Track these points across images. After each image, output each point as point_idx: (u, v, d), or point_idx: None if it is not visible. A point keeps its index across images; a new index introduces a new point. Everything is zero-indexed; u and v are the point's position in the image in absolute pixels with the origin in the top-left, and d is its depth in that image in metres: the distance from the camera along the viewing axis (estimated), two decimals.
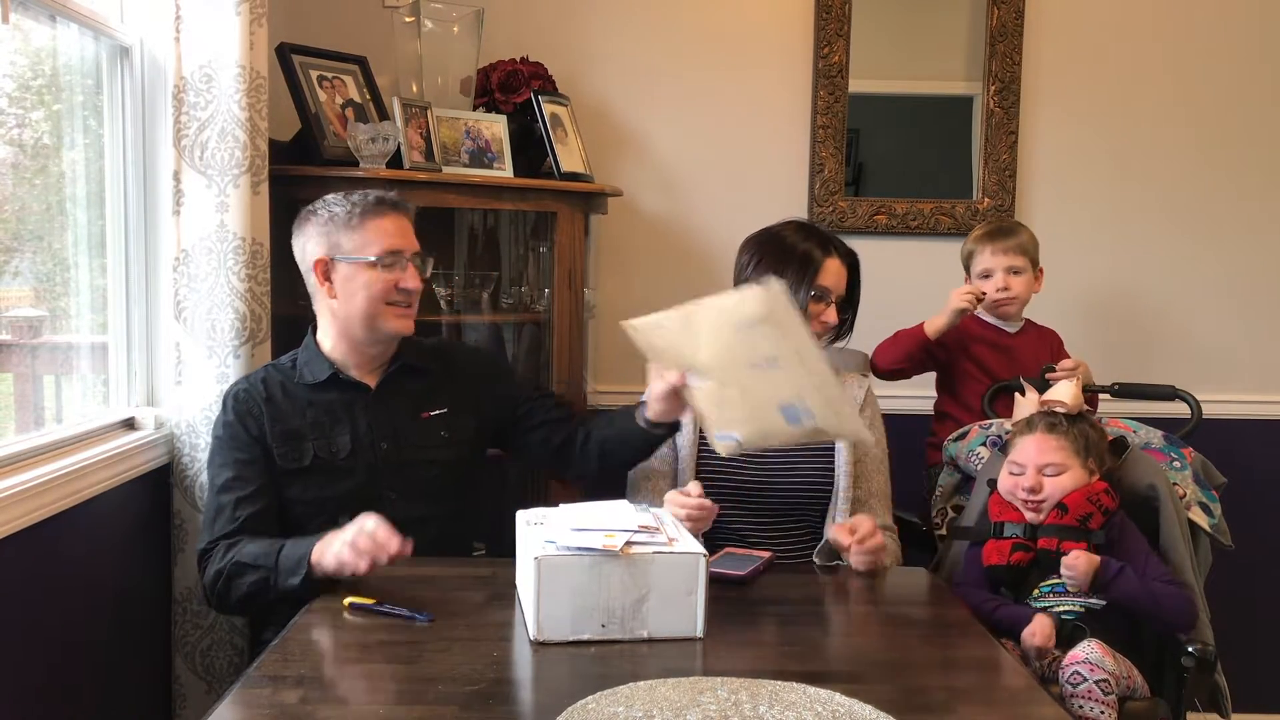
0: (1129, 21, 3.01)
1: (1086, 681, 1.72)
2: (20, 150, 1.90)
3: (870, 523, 1.83)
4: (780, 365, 1.61)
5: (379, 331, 1.97)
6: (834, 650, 1.59)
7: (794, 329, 1.61)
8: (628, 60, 2.97)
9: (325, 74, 2.48)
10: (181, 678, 2.18)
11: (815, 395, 1.63)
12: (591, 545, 1.49)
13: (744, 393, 1.67)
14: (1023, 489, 1.94)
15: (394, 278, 1.94)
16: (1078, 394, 2.02)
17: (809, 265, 2.00)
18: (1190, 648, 1.89)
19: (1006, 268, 2.58)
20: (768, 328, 1.60)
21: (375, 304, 1.93)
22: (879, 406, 2.14)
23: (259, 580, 1.79)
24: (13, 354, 1.93)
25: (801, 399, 1.63)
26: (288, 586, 1.74)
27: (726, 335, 1.64)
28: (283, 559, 1.77)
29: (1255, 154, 3.04)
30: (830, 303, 2.02)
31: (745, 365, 1.64)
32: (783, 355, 1.61)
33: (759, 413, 1.66)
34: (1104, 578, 1.85)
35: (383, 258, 1.93)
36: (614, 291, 2.99)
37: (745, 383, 1.66)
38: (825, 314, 2.01)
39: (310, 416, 1.95)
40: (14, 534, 1.62)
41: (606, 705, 1.25)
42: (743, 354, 1.64)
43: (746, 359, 1.64)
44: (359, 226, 1.94)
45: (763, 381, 1.63)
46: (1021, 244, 2.60)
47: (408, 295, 1.96)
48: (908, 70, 3.07)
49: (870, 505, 2.04)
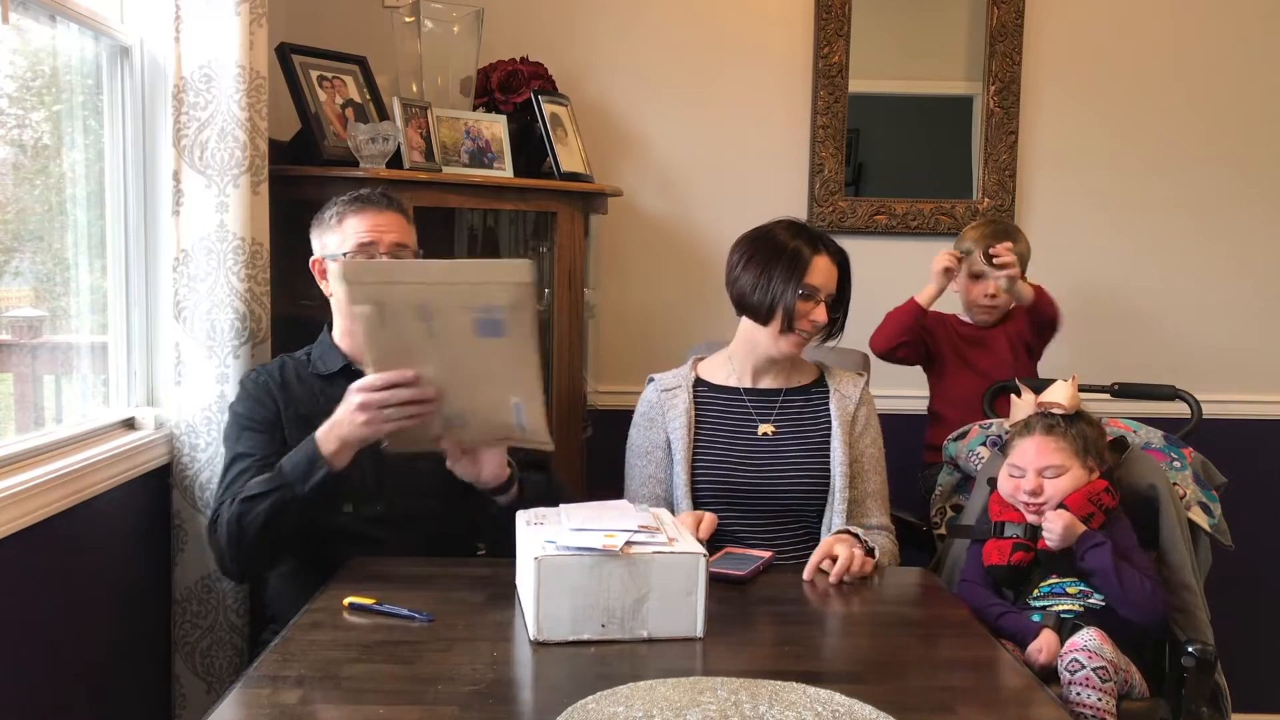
0: (1129, 21, 3.01)
1: (1084, 669, 1.72)
2: (20, 150, 1.90)
3: (847, 552, 1.79)
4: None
5: None
6: (834, 650, 1.59)
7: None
8: (628, 60, 2.97)
9: (325, 74, 2.48)
10: (181, 678, 2.18)
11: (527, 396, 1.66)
12: (591, 545, 1.49)
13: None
14: (1024, 492, 1.94)
15: None
16: (1074, 394, 2.01)
17: (798, 263, 2.00)
18: (1190, 648, 1.89)
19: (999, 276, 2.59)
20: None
21: None
22: (875, 406, 2.13)
23: (275, 502, 1.79)
24: (13, 354, 1.93)
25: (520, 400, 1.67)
26: (310, 489, 1.76)
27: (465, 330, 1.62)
28: (289, 470, 1.78)
29: (1256, 153, 3.04)
30: (820, 301, 2.01)
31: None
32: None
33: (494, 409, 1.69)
34: (1082, 545, 1.86)
35: (354, 252, 1.96)
36: (614, 291, 3.00)
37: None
38: (814, 312, 2.00)
39: (322, 404, 1.96)
40: (14, 534, 1.62)
41: (606, 705, 1.25)
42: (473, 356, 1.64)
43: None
44: (337, 226, 1.99)
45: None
46: (1018, 250, 2.61)
47: None
48: (908, 70, 3.07)
49: (866, 505, 2.04)
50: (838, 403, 2.08)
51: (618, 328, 3.02)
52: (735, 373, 2.11)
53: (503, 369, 1.64)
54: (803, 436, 2.06)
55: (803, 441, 2.05)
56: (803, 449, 2.04)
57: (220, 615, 2.17)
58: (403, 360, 1.65)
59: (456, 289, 1.61)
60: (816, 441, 2.06)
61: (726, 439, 2.05)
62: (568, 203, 2.60)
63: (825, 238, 2.06)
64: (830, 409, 2.07)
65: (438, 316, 1.61)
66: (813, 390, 2.11)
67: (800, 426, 2.06)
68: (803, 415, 2.08)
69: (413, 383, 1.67)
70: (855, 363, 2.50)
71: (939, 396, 2.73)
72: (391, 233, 1.99)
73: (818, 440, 2.06)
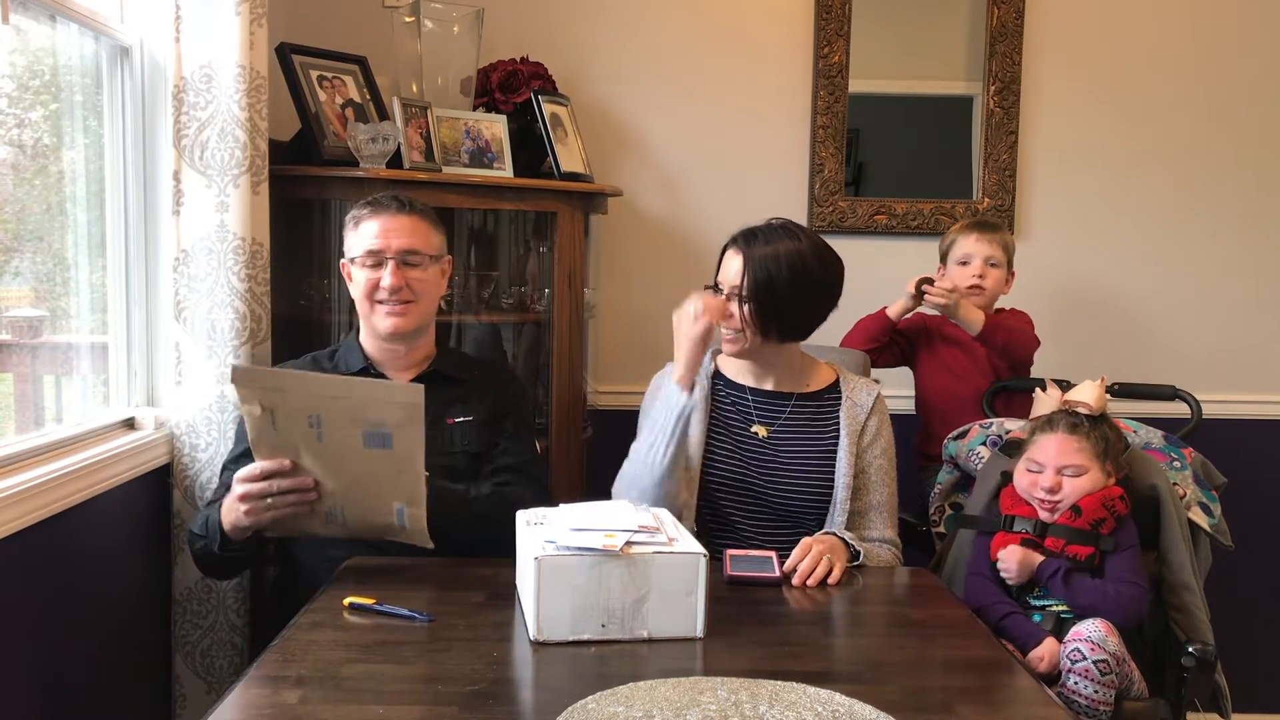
0: (1129, 21, 3.01)
1: (1085, 660, 1.72)
2: (20, 150, 1.90)
3: (811, 560, 1.78)
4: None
5: (373, 328, 2.03)
6: (834, 650, 1.59)
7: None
8: (628, 60, 2.97)
9: (325, 74, 2.48)
10: (181, 678, 2.18)
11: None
12: (591, 545, 1.49)
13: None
14: (1041, 488, 1.94)
15: (375, 276, 1.98)
16: (1101, 395, 2.00)
17: (719, 260, 2.04)
18: (1190, 648, 1.89)
19: (985, 257, 2.59)
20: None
21: (363, 302, 2.01)
22: (888, 415, 2.09)
23: (204, 546, 1.86)
24: (13, 354, 1.93)
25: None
26: (220, 549, 1.81)
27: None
28: (210, 524, 1.84)
29: (1256, 152, 3.04)
30: (723, 295, 1.98)
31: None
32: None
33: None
34: (1041, 575, 1.88)
35: (361, 258, 1.99)
36: (614, 291, 3.00)
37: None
38: (721, 307, 1.97)
39: None
40: (14, 534, 1.62)
41: (606, 705, 1.25)
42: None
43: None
44: (355, 229, 2.02)
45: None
46: (1003, 240, 2.63)
47: (389, 293, 1.98)
48: (908, 70, 3.07)
49: (869, 518, 2.02)
50: (848, 410, 2.05)
51: (618, 328, 3.02)
52: (740, 370, 2.12)
53: (388, 475, 1.71)
54: (807, 444, 2.04)
55: (806, 449, 2.03)
56: (805, 456, 2.03)
57: (220, 615, 2.17)
58: (289, 456, 1.71)
59: (349, 403, 1.67)
60: (822, 450, 2.04)
61: (727, 432, 2.05)
62: (568, 203, 2.60)
63: (747, 234, 2.01)
64: (840, 417, 2.06)
65: (327, 424, 1.68)
66: (825, 396, 2.09)
67: (806, 433, 2.04)
68: (813, 422, 2.06)
69: (290, 472, 1.71)
70: (859, 364, 2.49)
71: (918, 398, 2.74)
72: (402, 238, 1.99)
73: (824, 449, 2.04)
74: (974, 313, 2.53)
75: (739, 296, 1.96)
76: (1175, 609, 1.99)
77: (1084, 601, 1.84)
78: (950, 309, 2.52)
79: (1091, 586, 1.86)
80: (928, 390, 2.72)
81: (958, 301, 2.52)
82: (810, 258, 1.97)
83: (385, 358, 2.06)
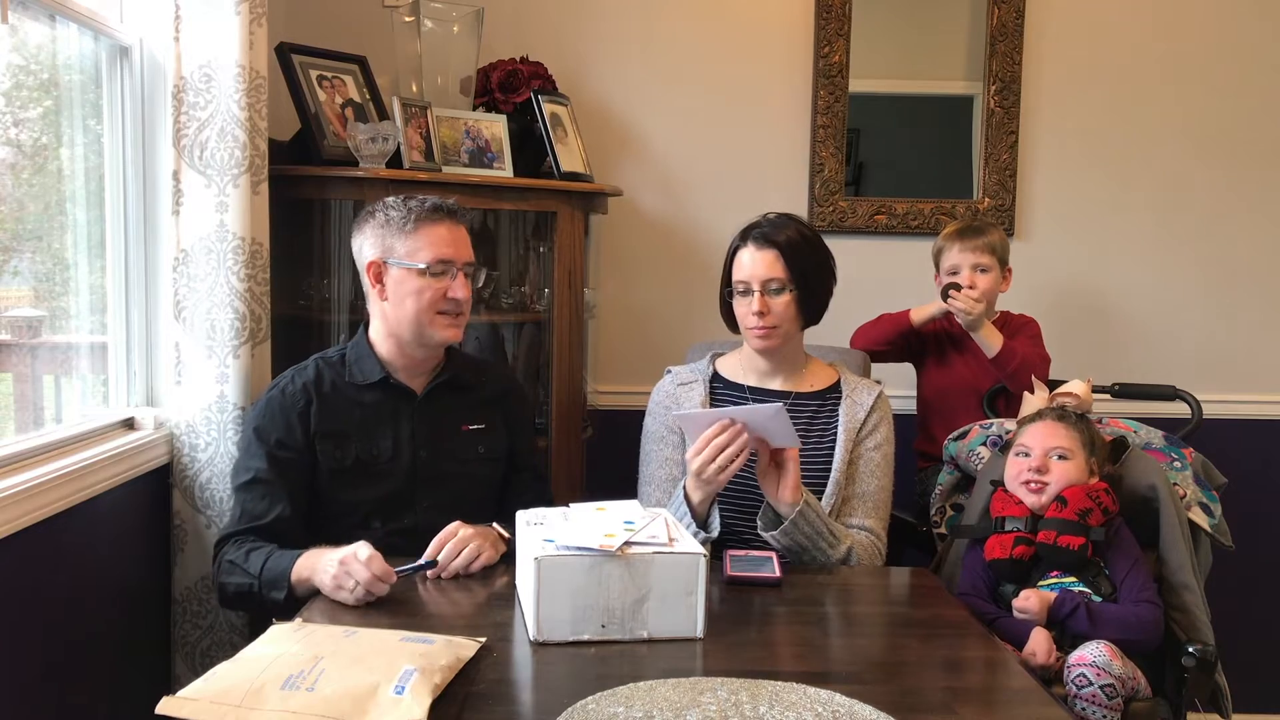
0: (1129, 21, 3.01)
1: (1091, 685, 1.71)
2: (19, 150, 1.90)
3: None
4: None
5: (426, 338, 1.97)
6: (834, 650, 1.59)
7: None
8: (628, 60, 2.97)
9: (325, 74, 2.48)
10: (181, 678, 2.18)
11: None
12: (591, 545, 1.49)
13: None
14: (1029, 469, 1.95)
15: (443, 286, 1.94)
16: (1088, 392, 2.06)
17: (727, 263, 2.04)
18: (1190, 648, 1.89)
19: (973, 265, 2.58)
20: None
21: (424, 312, 1.94)
22: (890, 415, 2.10)
23: (245, 585, 1.81)
24: (13, 354, 1.93)
25: None
26: (272, 599, 1.76)
27: None
28: (266, 571, 1.78)
29: (1255, 153, 3.04)
30: (756, 293, 1.99)
31: None
32: None
33: None
34: (1058, 614, 1.85)
35: (432, 266, 1.93)
36: (614, 291, 3.00)
37: None
38: (754, 305, 1.97)
39: (357, 416, 1.96)
40: (14, 534, 1.62)
41: (606, 705, 1.25)
42: None
43: None
44: (413, 232, 1.94)
45: None
46: (990, 243, 2.60)
47: (456, 304, 1.96)
48: (908, 70, 3.07)
49: (851, 504, 2.01)
50: (847, 410, 2.05)
51: (618, 328, 3.02)
52: (744, 371, 2.11)
53: None
54: (805, 444, 2.03)
55: (804, 449, 2.03)
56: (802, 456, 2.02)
57: (220, 615, 2.17)
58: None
59: None
60: (820, 450, 2.04)
61: None
62: (568, 202, 2.60)
63: (760, 226, 2.02)
64: (839, 417, 2.06)
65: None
66: (827, 396, 2.09)
67: (804, 434, 2.03)
68: (811, 423, 2.06)
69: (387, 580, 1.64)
70: (859, 364, 2.49)
71: (919, 398, 2.74)
72: (466, 249, 1.98)
73: (821, 449, 2.04)
74: (994, 335, 2.52)
75: (779, 288, 1.99)
76: (1175, 609, 1.98)
77: (1111, 635, 1.82)
78: (973, 323, 2.51)
79: (1114, 617, 1.84)
80: (929, 390, 2.72)
81: (980, 318, 2.51)
82: (816, 239, 2.07)
83: (406, 364, 2.01)
